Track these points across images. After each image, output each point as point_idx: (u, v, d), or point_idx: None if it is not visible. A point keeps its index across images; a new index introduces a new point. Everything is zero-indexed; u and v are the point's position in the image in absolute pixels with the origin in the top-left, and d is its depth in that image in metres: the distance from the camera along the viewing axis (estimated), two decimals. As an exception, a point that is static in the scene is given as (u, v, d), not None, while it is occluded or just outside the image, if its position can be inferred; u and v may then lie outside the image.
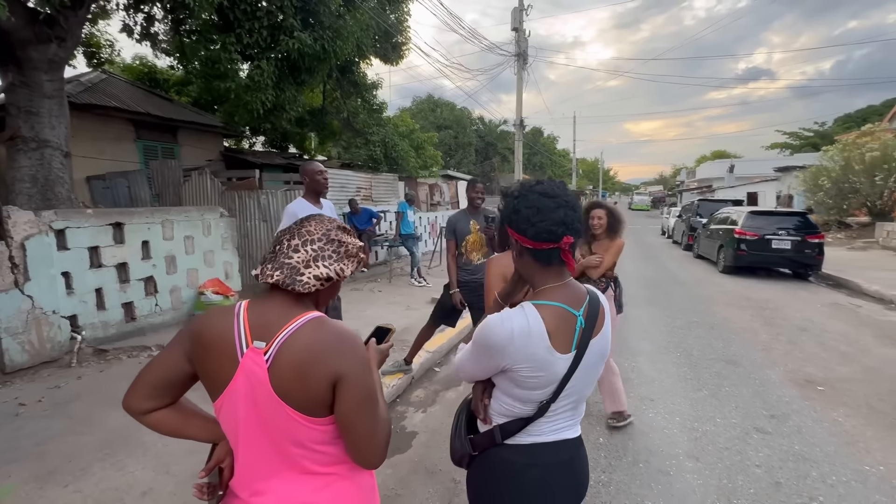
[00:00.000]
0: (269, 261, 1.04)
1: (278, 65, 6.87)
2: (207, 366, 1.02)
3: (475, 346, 1.14)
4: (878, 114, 44.90)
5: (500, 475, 1.17)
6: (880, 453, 2.89)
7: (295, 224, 1.08)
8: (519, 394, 1.12)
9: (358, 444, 1.00)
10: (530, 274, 1.16)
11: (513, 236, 1.14)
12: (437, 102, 22.95)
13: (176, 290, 5.11)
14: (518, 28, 17.94)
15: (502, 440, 1.16)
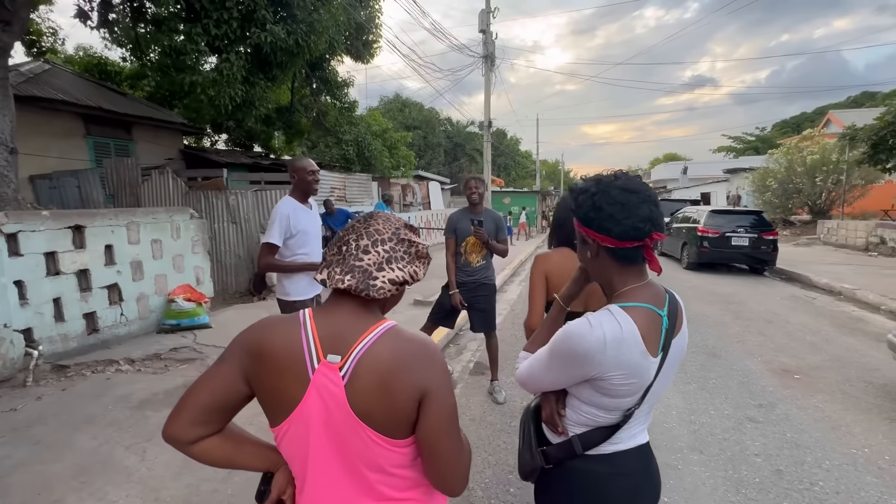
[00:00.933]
0: (334, 263, 0.93)
1: (248, 58, 6.52)
2: (270, 385, 0.89)
3: (555, 355, 1.07)
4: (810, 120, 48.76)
5: (584, 487, 1.10)
6: (862, 436, 3.07)
7: (359, 222, 0.98)
8: (605, 402, 1.06)
9: (442, 466, 0.91)
10: (608, 275, 1.09)
11: (590, 236, 1.06)
12: (406, 102, 22.75)
13: (143, 297, 4.73)
14: (485, 30, 18.04)
15: (583, 451, 1.09)
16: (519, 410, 3.51)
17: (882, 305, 6.54)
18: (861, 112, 24.31)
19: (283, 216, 2.74)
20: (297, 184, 2.86)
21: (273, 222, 2.74)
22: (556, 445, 1.14)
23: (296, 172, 2.84)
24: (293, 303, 2.84)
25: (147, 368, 4.00)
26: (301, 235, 2.81)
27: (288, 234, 2.76)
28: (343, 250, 0.93)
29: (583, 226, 1.08)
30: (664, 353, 1.04)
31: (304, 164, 2.87)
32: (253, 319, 4.52)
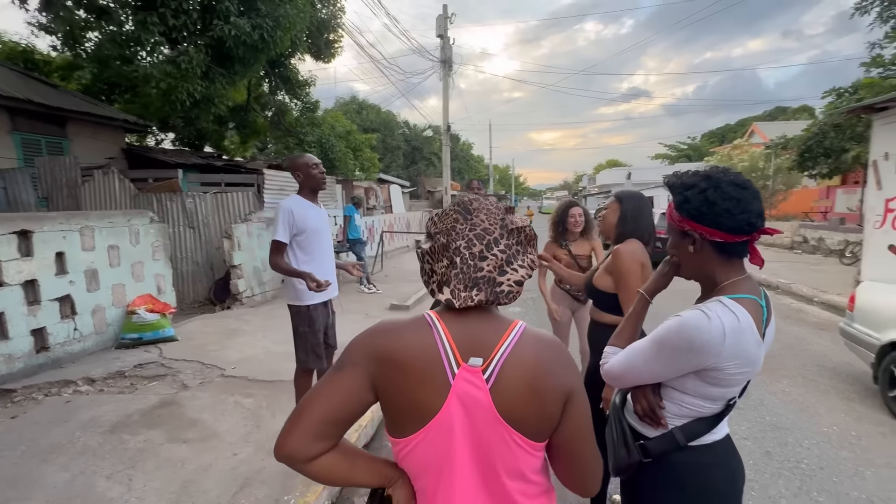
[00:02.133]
0: (453, 279, 0.85)
1: (208, 52, 6.10)
2: (405, 393, 0.82)
3: (665, 347, 1.08)
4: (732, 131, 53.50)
5: (689, 479, 1.12)
6: (828, 416, 3.38)
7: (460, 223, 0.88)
8: (713, 393, 1.08)
9: (584, 469, 0.89)
10: (710, 269, 1.12)
11: (698, 230, 1.08)
12: (363, 104, 22.34)
13: (99, 310, 4.28)
14: (443, 35, 18.19)
15: (686, 443, 1.11)
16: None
17: (815, 297, 7.27)
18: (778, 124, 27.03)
19: (287, 211, 2.58)
20: (304, 181, 2.71)
21: (277, 219, 2.58)
22: (656, 439, 1.14)
23: (299, 170, 2.69)
24: (307, 307, 2.69)
25: (111, 388, 3.61)
26: (310, 234, 2.67)
27: (295, 232, 2.60)
28: (457, 262, 0.85)
29: (690, 221, 1.09)
30: (765, 339, 1.09)
31: (305, 160, 2.72)
32: (223, 330, 4.42)
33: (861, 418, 3.32)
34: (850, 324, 3.86)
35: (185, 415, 3.14)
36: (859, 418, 3.32)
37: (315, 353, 2.73)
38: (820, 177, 11.74)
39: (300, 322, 2.70)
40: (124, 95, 9.51)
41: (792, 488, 2.54)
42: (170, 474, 2.49)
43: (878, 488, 2.52)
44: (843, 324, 4.00)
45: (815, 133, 9.80)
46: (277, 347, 4.63)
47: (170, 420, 3.07)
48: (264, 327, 5.37)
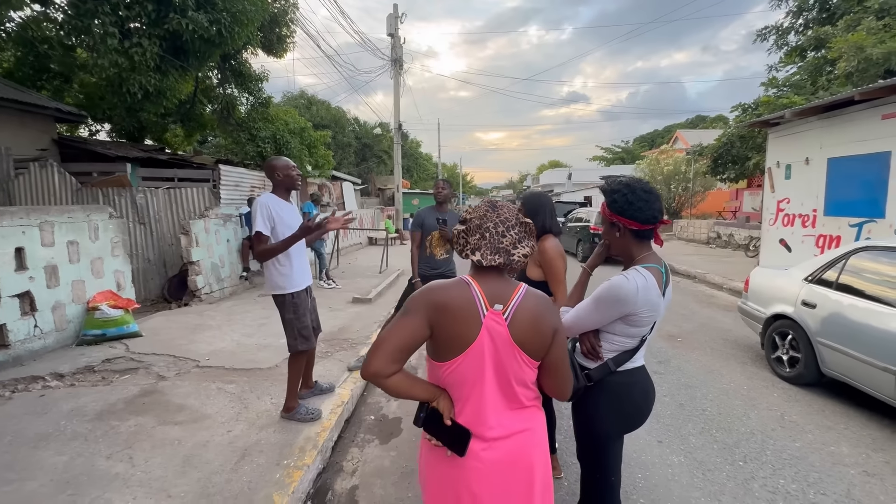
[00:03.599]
0: (483, 247, 1.27)
1: (162, 45, 5.94)
2: (451, 329, 1.21)
3: (601, 302, 1.56)
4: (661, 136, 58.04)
5: (617, 395, 1.61)
6: (728, 376, 4.17)
7: (490, 212, 1.31)
8: (632, 332, 1.58)
9: (563, 380, 1.34)
10: (629, 248, 1.62)
11: (621, 221, 1.57)
12: (312, 100, 21.90)
13: (59, 306, 4.21)
14: (394, 34, 18.38)
15: (616, 368, 1.60)
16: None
17: (724, 285, 8.44)
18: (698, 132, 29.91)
19: (264, 205, 2.82)
20: (282, 181, 2.95)
21: (255, 213, 2.80)
22: (596, 368, 1.63)
23: (277, 171, 2.94)
24: (290, 295, 2.94)
25: (82, 382, 3.63)
26: (286, 229, 2.91)
27: (272, 225, 2.84)
28: (486, 236, 1.28)
29: (615, 214, 1.58)
30: (664, 295, 1.60)
31: (285, 163, 2.98)
32: (187, 325, 4.89)
33: (752, 376, 4.14)
34: (746, 302, 4.73)
35: (170, 401, 3.28)
36: (750, 376, 4.14)
37: (303, 336, 3.00)
38: (729, 181, 13.43)
39: (286, 310, 2.95)
40: (53, 82, 8.86)
41: (697, 428, 3.21)
42: (169, 451, 2.68)
43: (759, 424, 3.26)
44: (741, 303, 4.87)
45: (724, 143, 11.32)
46: (247, 340, 4.78)
47: (156, 407, 3.20)
48: (229, 322, 5.45)
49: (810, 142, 7.17)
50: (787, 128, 7.67)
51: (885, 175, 5.92)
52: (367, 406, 3.68)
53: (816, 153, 7.06)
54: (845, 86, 8.60)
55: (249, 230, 7.39)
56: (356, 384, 3.77)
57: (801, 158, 7.34)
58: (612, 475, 1.71)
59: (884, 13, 8.55)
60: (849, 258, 3.64)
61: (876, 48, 7.78)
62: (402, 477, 2.70)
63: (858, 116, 6.29)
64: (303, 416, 3.06)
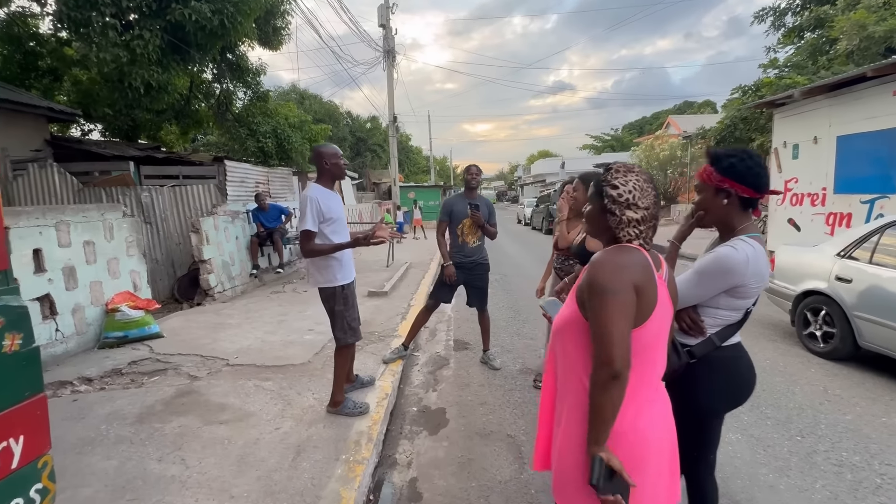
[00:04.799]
0: (647, 235, 1.25)
1: (163, 37, 5.73)
2: (649, 288, 1.18)
3: (706, 274, 1.51)
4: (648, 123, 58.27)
5: (725, 370, 1.57)
6: (761, 353, 4.17)
7: (657, 197, 1.30)
8: (738, 304, 1.53)
9: None
10: (731, 217, 1.56)
11: (735, 187, 1.50)
12: (304, 94, 21.51)
13: (79, 309, 4.07)
14: (385, 25, 18.08)
15: (720, 343, 1.56)
16: (514, 373, 3.97)
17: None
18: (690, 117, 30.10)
19: (313, 199, 2.72)
20: (330, 170, 2.85)
21: (304, 209, 2.71)
22: (700, 344, 1.58)
23: (327, 159, 2.84)
24: (340, 288, 2.86)
25: (113, 385, 3.51)
26: (337, 223, 2.84)
27: (321, 219, 2.75)
28: (655, 225, 1.27)
29: (731, 179, 1.51)
30: None
31: (333, 150, 2.89)
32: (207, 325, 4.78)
33: (785, 353, 4.16)
34: (772, 280, 4.74)
35: (210, 401, 3.19)
36: (784, 353, 4.16)
37: (352, 328, 2.92)
38: None
39: (336, 302, 2.86)
40: (43, 80, 8.55)
41: (746, 406, 3.19)
42: (220, 451, 2.59)
43: (805, 399, 3.27)
44: (766, 281, 4.88)
45: (727, 125, 11.39)
46: (271, 337, 4.68)
47: (196, 407, 3.11)
48: (249, 320, 5.33)
49: (818, 121, 7.21)
50: (793, 108, 7.71)
51: None
52: (406, 398, 3.62)
53: (825, 132, 7.10)
54: (846, 65, 8.66)
55: (262, 226, 7.28)
56: (394, 376, 3.71)
57: (809, 138, 7.39)
58: (710, 453, 1.67)
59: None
60: (884, 232, 3.65)
61: (878, 26, 7.84)
62: (460, 467, 2.65)
63: (868, 94, 6.33)
64: (351, 410, 2.99)
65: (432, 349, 4.72)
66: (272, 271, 7.81)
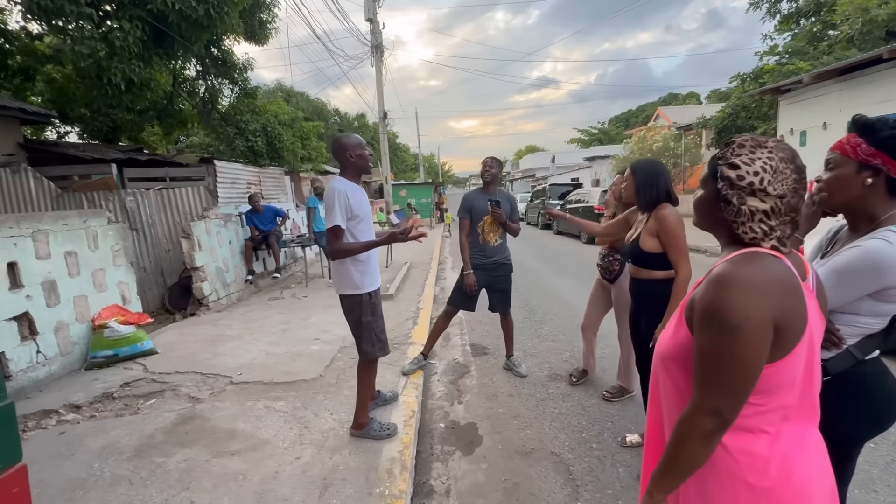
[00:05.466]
0: (782, 233, 0.97)
1: (145, 29, 5.29)
2: (795, 314, 0.89)
3: (848, 274, 1.23)
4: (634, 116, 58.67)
5: (867, 389, 1.30)
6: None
7: (798, 183, 0.99)
8: (885, 309, 1.26)
9: None
10: (872, 203, 1.27)
11: (888, 164, 1.22)
12: (291, 92, 20.85)
13: (62, 327, 3.67)
14: (372, 19, 17.60)
15: (863, 357, 1.29)
16: (544, 380, 3.69)
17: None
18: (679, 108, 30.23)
19: (342, 193, 2.42)
20: (355, 162, 2.54)
21: (332, 203, 2.40)
22: (835, 358, 1.31)
23: (350, 150, 2.53)
24: (368, 295, 2.55)
25: (105, 413, 3.15)
26: (364, 220, 2.54)
27: (350, 215, 2.45)
28: (794, 219, 0.97)
29: (887, 154, 1.22)
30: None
31: (356, 140, 2.58)
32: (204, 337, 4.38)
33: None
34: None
35: (217, 427, 2.85)
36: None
37: (381, 340, 2.62)
38: None
39: (363, 311, 2.55)
40: (13, 80, 8.00)
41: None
42: (235, 489, 2.27)
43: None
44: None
45: (728, 114, 11.28)
46: (275, 349, 4.34)
47: (202, 435, 2.76)
48: (249, 331, 4.97)
49: (827, 106, 7.07)
50: (800, 94, 7.57)
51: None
52: (431, 412, 3.32)
53: (835, 117, 6.96)
54: (848, 49, 8.57)
55: (257, 229, 6.88)
56: (417, 390, 3.41)
57: (818, 123, 7.25)
58: (844, 487, 1.41)
59: (884, -26, 8.53)
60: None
61: (880, 9, 7.74)
62: (506, 494, 2.37)
63: (882, 76, 6.19)
64: (378, 432, 2.68)
65: (449, 355, 4.43)
66: (268, 276, 7.42)
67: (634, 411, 3.11)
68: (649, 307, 2.41)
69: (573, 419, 3.07)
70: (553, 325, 5.22)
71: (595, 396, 3.36)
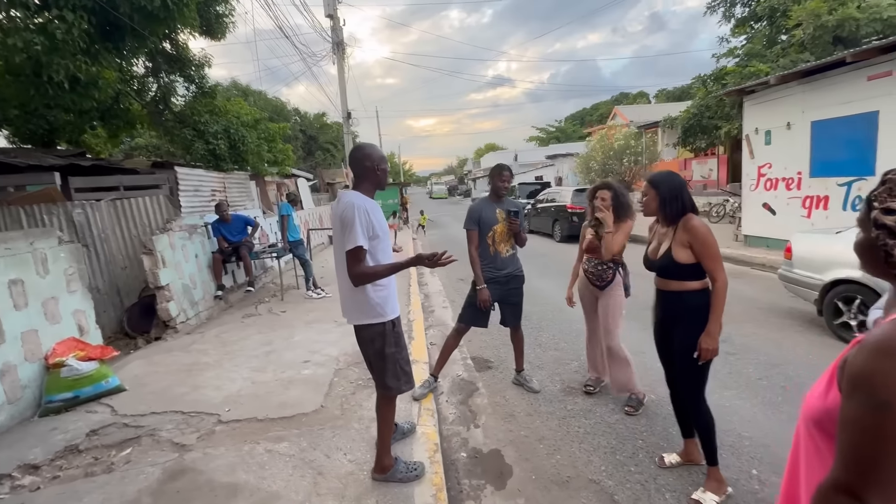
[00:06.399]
0: None
1: (91, 20, 4.64)
2: None
3: None
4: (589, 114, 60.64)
5: None
6: (801, 348, 4.05)
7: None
8: None
9: None
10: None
11: None
12: (248, 91, 19.60)
13: (9, 369, 3.12)
14: (333, 15, 17.00)
15: None
16: (559, 395, 3.54)
17: (712, 252, 8.67)
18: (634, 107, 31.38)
19: (362, 210, 2.13)
20: (379, 176, 2.26)
21: (352, 221, 2.09)
22: None
23: (376, 162, 2.24)
24: (391, 323, 2.27)
25: (71, 471, 2.67)
26: (384, 240, 2.26)
27: (371, 234, 2.16)
28: None
29: None
30: None
31: (378, 151, 2.30)
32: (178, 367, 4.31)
33: (823, 345, 4.06)
34: (791, 270, 4.66)
35: (214, 482, 2.47)
36: (822, 346, 4.06)
37: (406, 374, 2.35)
38: (699, 150, 14.02)
39: (386, 342, 2.27)
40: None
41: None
42: (251, 562, 1.93)
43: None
44: (783, 270, 4.80)
45: (693, 114, 11.74)
46: (262, 376, 3.94)
47: (198, 494, 2.38)
48: (228, 355, 4.51)
49: (791, 107, 7.40)
50: (764, 95, 7.89)
51: (873, 134, 6.18)
52: (448, 440, 3.08)
53: (798, 117, 7.30)
54: (801, 53, 9.05)
55: (225, 240, 6.33)
56: (434, 417, 3.15)
57: (782, 123, 7.58)
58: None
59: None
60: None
61: (831, 16, 8.22)
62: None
63: (842, 79, 6.52)
64: (405, 474, 2.41)
65: (452, 371, 4.20)
66: (239, 290, 6.87)
67: (661, 426, 3.01)
68: (688, 319, 2.32)
69: (601, 438, 2.92)
70: (551, 332, 5.11)
71: (616, 411, 3.25)
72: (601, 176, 19.82)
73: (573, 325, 5.15)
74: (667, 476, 2.52)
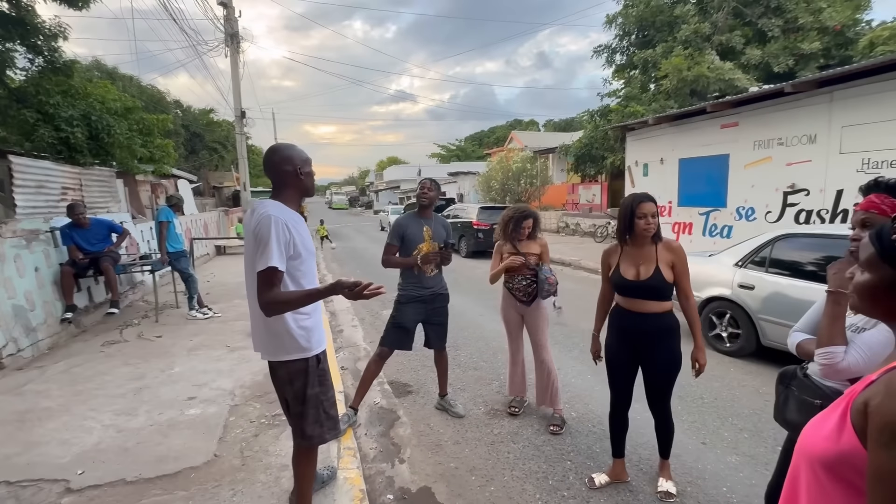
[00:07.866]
0: None
1: None
2: None
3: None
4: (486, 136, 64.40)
5: None
6: (684, 358, 4.53)
7: None
8: None
9: None
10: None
11: None
12: (113, 73, 16.37)
13: None
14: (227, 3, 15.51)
15: None
16: (484, 418, 3.45)
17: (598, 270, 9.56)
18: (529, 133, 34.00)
19: (281, 223, 1.74)
20: (304, 181, 1.90)
21: (267, 238, 1.71)
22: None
23: (299, 165, 1.88)
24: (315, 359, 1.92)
25: None
26: (308, 260, 1.91)
27: (291, 253, 1.79)
28: None
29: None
30: None
31: (300, 152, 1.94)
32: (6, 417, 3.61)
33: (701, 355, 4.59)
34: (674, 288, 5.25)
35: (60, 581, 1.83)
36: (701, 356, 4.59)
37: (331, 419, 2.00)
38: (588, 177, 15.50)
39: (309, 381, 1.91)
40: None
41: (716, 421, 3.34)
42: None
43: (753, 404, 3.57)
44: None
45: (585, 144, 13.03)
46: (132, 422, 3.19)
47: None
48: (82, 395, 3.59)
49: (664, 145, 8.57)
50: (643, 132, 9.04)
51: (725, 173, 7.40)
52: (372, 482, 2.76)
53: (669, 154, 8.47)
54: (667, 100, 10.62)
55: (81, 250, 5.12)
56: (356, 456, 2.81)
57: (657, 158, 8.73)
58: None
59: (688, 44, 10.93)
60: (774, 244, 4.29)
61: (690, 71, 9.81)
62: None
63: (703, 125, 7.74)
64: (329, 535, 2.05)
65: (369, 398, 3.84)
66: (95, 311, 5.63)
67: (585, 443, 3.07)
68: (668, 337, 2.40)
69: (532, 463, 2.87)
70: (468, 350, 5.04)
71: (542, 431, 3.24)
72: (501, 195, 20.94)
73: (490, 342, 5.16)
74: (598, 497, 2.54)
